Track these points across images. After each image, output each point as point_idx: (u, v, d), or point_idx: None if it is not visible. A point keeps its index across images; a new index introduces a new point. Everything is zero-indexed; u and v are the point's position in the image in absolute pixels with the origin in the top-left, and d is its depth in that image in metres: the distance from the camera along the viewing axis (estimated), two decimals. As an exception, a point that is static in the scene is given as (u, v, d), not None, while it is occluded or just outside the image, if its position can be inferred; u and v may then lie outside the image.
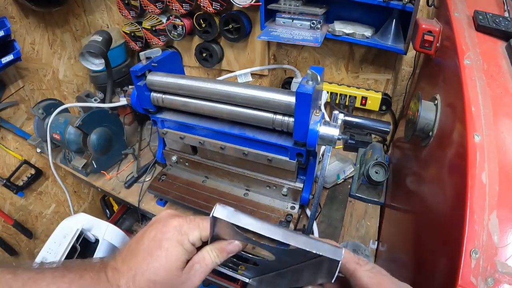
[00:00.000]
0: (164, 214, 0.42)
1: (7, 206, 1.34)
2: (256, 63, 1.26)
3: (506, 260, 0.35)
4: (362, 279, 0.36)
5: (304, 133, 0.69)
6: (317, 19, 1.00)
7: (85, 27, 1.46)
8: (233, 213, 0.35)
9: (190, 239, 0.39)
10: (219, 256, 0.40)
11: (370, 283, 0.36)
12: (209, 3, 1.10)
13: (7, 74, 1.19)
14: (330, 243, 0.34)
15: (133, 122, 1.37)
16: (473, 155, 0.41)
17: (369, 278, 0.36)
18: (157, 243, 0.38)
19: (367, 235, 0.91)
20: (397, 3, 0.88)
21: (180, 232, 0.39)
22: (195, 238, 0.39)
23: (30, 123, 1.32)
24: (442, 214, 0.47)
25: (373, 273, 0.37)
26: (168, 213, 0.42)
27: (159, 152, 1.02)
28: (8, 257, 1.37)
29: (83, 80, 1.53)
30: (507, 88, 0.50)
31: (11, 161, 1.31)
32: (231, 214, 0.35)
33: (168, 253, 0.37)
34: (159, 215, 0.42)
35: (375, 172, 0.94)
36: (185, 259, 0.39)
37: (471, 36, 0.60)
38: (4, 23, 1.06)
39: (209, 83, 0.78)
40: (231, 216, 0.35)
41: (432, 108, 0.60)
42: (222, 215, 0.34)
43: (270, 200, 0.90)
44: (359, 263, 0.38)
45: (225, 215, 0.34)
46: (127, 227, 1.52)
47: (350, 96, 1.17)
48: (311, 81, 0.66)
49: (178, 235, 0.38)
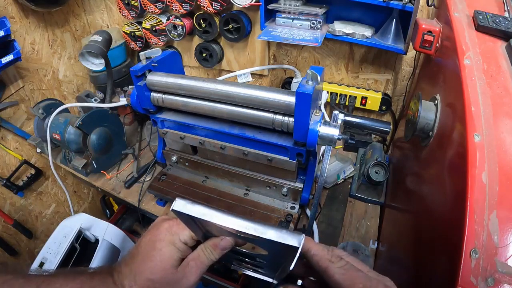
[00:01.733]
0: (158, 219, 0.46)
1: (7, 206, 1.34)
2: (256, 63, 1.26)
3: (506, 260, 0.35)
4: (334, 276, 0.37)
5: (304, 133, 0.69)
6: (317, 19, 1.00)
7: (85, 27, 1.46)
8: (188, 204, 0.35)
9: (181, 238, 0.42)
10: (213, 252, 0.41)
11: (341, 279, 0.36)
12: (209, 3, 1.10)
13: (7, 74, 1.19)
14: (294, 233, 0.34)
15: (133, 122, 1.37)
16: (473, 155, 0.41)
17: (341, 275, 0.36)
18: (151, 245, 0.42)
19: (367, 235, 0.91)
20: (397, 3, 0.88)
21: (171, 232, 0.42)
22: (186, 237, 0.42)
23: (30, 123, 1.32)
24: (442, 214, 0.47)
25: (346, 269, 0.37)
26: (162, 218, 0.46)
27: (159, 152, 1.02)
28: (8, 257, 1.37)
29: (83, 80, 1.53)
30: (507, 88, 0.50)
31: (11, 161, 1.31)
32: (186, 206, 0.35)
33: (162, 253, 0.41)
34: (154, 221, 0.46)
35: (375, 172, 0.94)
36: (178, 257, 0.41)
37: (471, 36, 0.60)
38: (4, 23, 1.06)
39: (209, 83, 0.78)
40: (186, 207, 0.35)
41: (432, 108, 0.60)
42: (179, 208, 0.35)
43: (270, 200, 0.90)
44: (331, 260, 0.38)
45: (181, 207, 0.35)
46: (127, 227, 1.52)
47: (350, 96, 1.17)
48: (311, 81, 0.66)
49: (169, 236, 0.42)
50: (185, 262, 0.41)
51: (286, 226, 0.82)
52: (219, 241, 0.41)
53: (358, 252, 0.85)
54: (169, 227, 0.42)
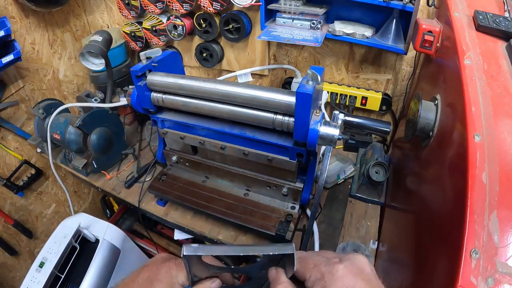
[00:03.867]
0: (157, 257, 0.47)
1: (7, 206, 1.34)
2: (256, 63, 1.26)
3: (506, 260, 0.35)
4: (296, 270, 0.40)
5: (304, 133, 0.69)
6: (317, 19, 1.00)
7: (85, 27, 1.46)
8: (197, 247, 0.38)
9: (180, 281, 0.43)
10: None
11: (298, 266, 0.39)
12: (209, 3, 1.10)
13: (7, 74, 1.19)
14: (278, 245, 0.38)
15: (133, 122, 1.37)
16: (473, 155, 0.41)
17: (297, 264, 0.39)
18: (149, 283, 0.42)
19: (367, 235, 0.91)
20: (397, 3, 0.88)
21: (171, 275, 0.43)
22: (184, 279, 0.43)
23: (30, 123, 1.32)
24: (442, 214, 0.47)
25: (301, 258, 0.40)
26: (162, 257, 0.47)
27: (159, 152, 1.02)
28: (8, 257, 1.37)
29: (83, 80, 1.53)
30: (507, 88, 0.50)
31: (11, 161, 1.31)
32: (197, 249, 0.38)
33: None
34: (154, 258, 0.47)
35: (375, 172, 0.94)
36: None
37: (471, 36, 0.60)
38: (4, 23, 1.06)
39: (209, 83, 0.78)
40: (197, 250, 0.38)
41: (432, 108, 0.60)
42: (190, 252, 0.38)
43: (270, 200, 0.90)
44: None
45: (193, 251, 0.38)
46: (127, 227, 1.52)
47: (350, 96, 1.17)
48: (311, 81, 0.66)
49: (169, 278, 0.43)
50: None
51: (286, 226, 0.82)
52: (210, 284, 0.43)
53: (358, 252, 0.85)
54: (169, 269, 0.43)
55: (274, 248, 0.37)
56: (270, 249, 0.37)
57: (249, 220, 0.85)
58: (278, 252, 0.36)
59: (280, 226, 0.82)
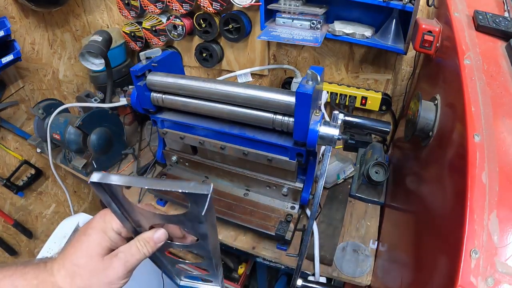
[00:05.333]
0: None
1: (7, 206, 1.34)
2: (256, 63, 1.26)
3: (506, 260, 0.35)
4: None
5: (304, 133, 0.69)
6: (317, 19, 1.00)
7: (85, 27, 1.46)
8: (106, 174, 0.36)
9: (114, 227, 0.40)
10: (147, 245, 0.40)
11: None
12: (209, 3, 1.10)
13: (7, 74, 1.19)
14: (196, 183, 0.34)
15: (133, 122, 1.37)
16: (473, 155, 0.41)
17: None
18: (83, 231, 0.41)
19: (367, 235, 0.91)
20: (397, 3, 0.88)
21: (104, 220, 0.40)
22: (120, 226, 0.40)
23: (30, 123, 1.32)
24: (442, 214, 0.47)
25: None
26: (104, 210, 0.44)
27: (159, 152, 1.02)
28: (8, 257, 1.37)
29: (83, 80, 1.53)
30: (507, 88, 0.50)
31: (11, 161, 1.31)
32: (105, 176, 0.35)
33: (90, 239, 0.39)
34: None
35: (375, 172, 0.94)
36: (106, 246, 0.40)
37: (471, 36, 0.60)
38: (4, 23, 1.06)
39: (209, 83, 0.78)
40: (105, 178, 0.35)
41: (432, 108, 0.60)
42: (97, 179, 0.35)
43: (270, 200, 0.90)
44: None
45: (100, 178, 0.35)
46: (127, 227, 1.52)
47: (350, 96, 1.17)
48: (311, 81, 0.66)
49: (102, 223, 0.40)
50: (114, 252, 0.40)
51: (286, 226, 0.82)
52: (153, 233, 0.40)
53: (358, 252, 0.85)
54: (103, 215, 0.41)
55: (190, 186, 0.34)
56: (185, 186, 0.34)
57: (248, 220, 0.85)
58: (194, 191, 0.33)
59: (280, 226, 0.82)
